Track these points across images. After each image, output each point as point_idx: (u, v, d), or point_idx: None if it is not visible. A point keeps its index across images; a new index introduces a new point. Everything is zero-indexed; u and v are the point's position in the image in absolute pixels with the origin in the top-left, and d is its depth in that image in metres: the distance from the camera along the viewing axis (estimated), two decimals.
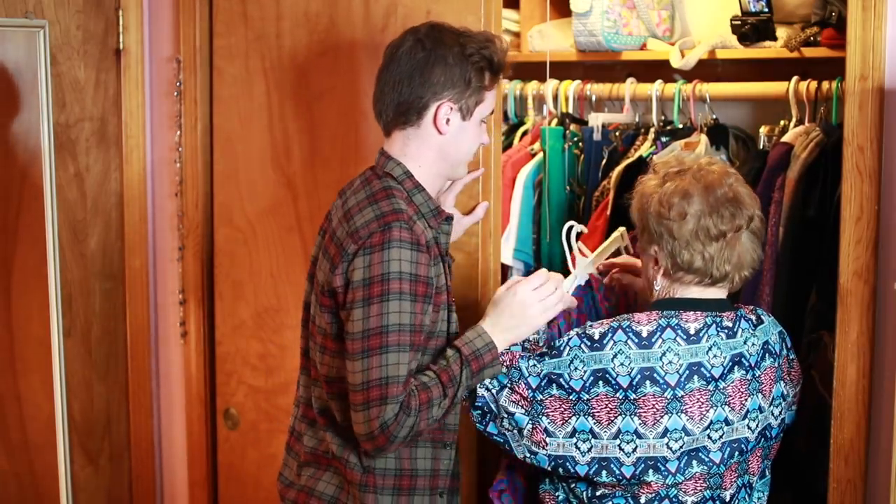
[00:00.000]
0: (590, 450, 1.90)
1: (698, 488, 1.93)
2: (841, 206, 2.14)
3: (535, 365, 1.94)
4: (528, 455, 1.94)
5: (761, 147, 2.58)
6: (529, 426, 1.92)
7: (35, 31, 2.70)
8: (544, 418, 1.91)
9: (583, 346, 1.91)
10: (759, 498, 2.07)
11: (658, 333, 1.91)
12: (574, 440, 1.90)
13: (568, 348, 1.92)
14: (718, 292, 2.00)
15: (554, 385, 1.91)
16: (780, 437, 2.08)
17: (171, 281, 3.11)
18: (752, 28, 2.54)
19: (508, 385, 1.95)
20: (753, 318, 2.03)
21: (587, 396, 1.89)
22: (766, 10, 2.51)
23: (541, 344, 2.06)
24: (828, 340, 2.30)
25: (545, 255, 2.87)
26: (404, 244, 1.91)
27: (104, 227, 3.09)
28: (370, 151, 2.38)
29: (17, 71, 2.81)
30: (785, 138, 2.47)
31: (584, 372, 1.89)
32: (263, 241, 2.80)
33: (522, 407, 1.93)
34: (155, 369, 3.20)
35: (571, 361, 1.91)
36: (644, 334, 1.91)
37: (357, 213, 1.97)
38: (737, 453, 1.95)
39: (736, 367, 1.94)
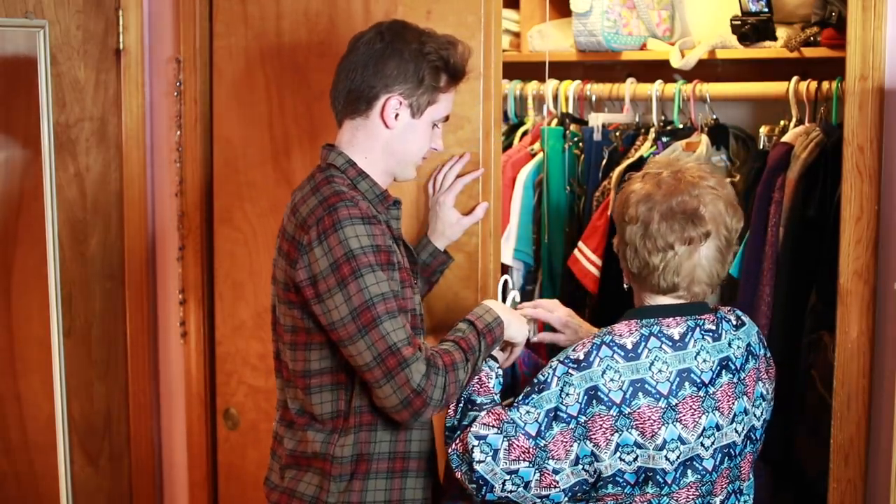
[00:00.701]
0: (595, 472, 1.86)
1: (690, 496, 1.89)
2: (841, 206, 2.15)
3: (528, 412, 1.87)
4: (538, 501, 1.89)
5: (761, 147, 2.58)
6: (537, 476, 1.86)
7: (35, 31, 2.70)
8: (550, 461, 1.85)
9: (570, 370, 1.86)
10: (745, 501, 2.03)
11: (643, 343, 1.87)
12: (580, 467, 1.86)
13: (556, 379, 1.87)
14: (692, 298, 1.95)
15: (554, 423, 1.85)
16: (763, 439, 2.05)
17: (171, 281, 3.11)
18: (752, 28, 2.54)
19: (505, 444, 1.86)
20: (733, 318, 1.99)
21: (584, 419, 1.85)
22: (766, 10, 2.51)
23: (493, 388, 2.03)
24: (828, 340, 2.30)
25: (545, 255, 2.87)
26: (355, 220, 1.93)
27: (104, 227, 3.09)
28: None
29: (16, 71, 2.81)
30: (785, 138, 2.48)
31: (578, 394, 1.85)
32: (263, 241, 2.80)
33: (525, 460, 1.86)
34: (155, 369, 3.20)
35: (562, 389, 1.86)
36: (629, 346, 1.87)
37: (302, 205, 2.00)
38: (726, 459, 1.92)
39: (724, 372, 1.91)
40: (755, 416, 1.98)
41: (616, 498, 1.88)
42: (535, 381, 1.90)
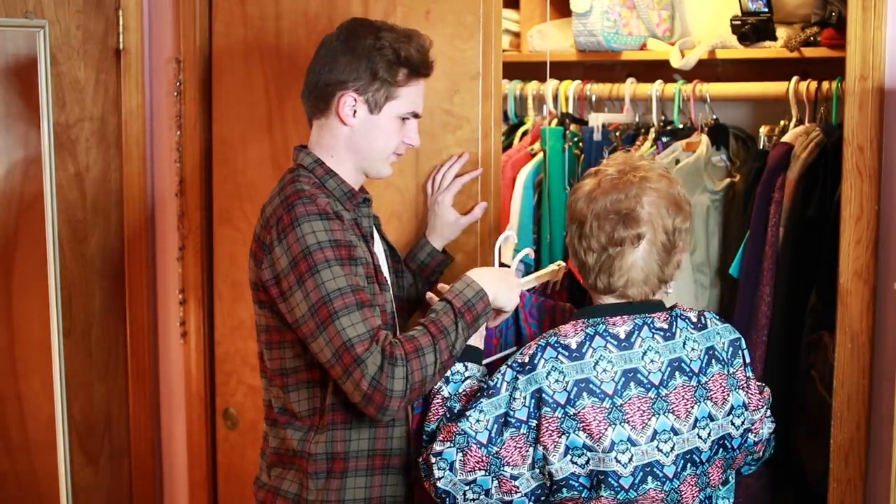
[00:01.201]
0: (550, 475, 1.84)
1: None
2: (841, 206, 2.14)
3: (477, 420, 1.84)
4: None
5: (761, 147, 2.58)
6: (495, 483, 1.84)
7: (35, 31, 2.70)
8: (506, 468, 1.83)
9: (517, 374, 1.84)
10: None
11: (587, 343, 1.84)
12: (536, 471, 1.84)
13: (505, 384, 1.85)
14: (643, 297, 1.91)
15: (504, 429, 1.83)
16: (744, 447, 1.98)
17: (171, 281, 3.11)
18: (752, 28, 2.53)
19: (459, 456, 1.84)
20: (693, 317, 1.93)
21: (535, 423, 1.83)
22: (766, 10, 2.51)
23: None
24: (828, 340, 2.30)
25: (545, 254, 2.86)
26: (312, 216, 1.93)
27: (104, 227, 3.09)
28: None
29: (16, 71, 2.81)
30: (785, 138, 2.47)
31: (525, 398, 1.82)
32: None
33: (481, 469, 1.84)
34: (155, 369, 3.20)
35: (511, 394, 1.84)
36: (573, 346, 1.84)
37: (268, 206, 2.03)
38: (689, 465, 1.87)
39: (677, 374, 1.86)
40: (732, 424, 1.92)
41: (574, 502, 1.86)
42: (486, 385, 1.88)
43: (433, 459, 1.86)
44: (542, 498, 1.87)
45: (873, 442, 2.16)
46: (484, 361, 2.09)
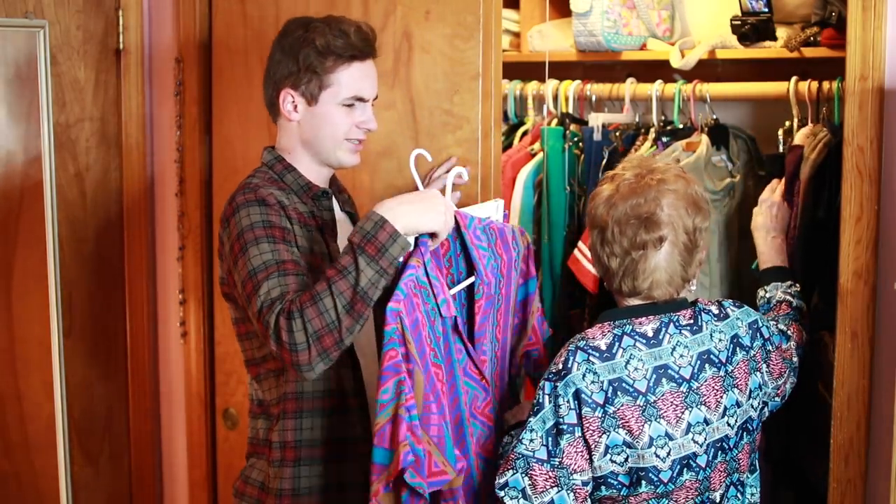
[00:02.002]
0: (594, 471, 1.86)
1: (689, 496, 1.89)
2: (841, 207, 2.14)
3: (531, 439, 1.85)
4: None
5: (780, 150, 2.57)
6: (571, 496, 1.83)
7: (35, 31, 2.70)
8: (574, 476, 1.83)
9: (555, 384, 1.86)
10: (752, 494, 2.03)
11: (616, 343, 1.87)
12: (590, 472, 1.86)
13: (546, 396, 1.86)
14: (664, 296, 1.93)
15: (559, 438, 1.84)
16: (760, 428, 2.02)
17: (171, 281, 3.11)
18: (752, 28, 2.54)
19: (527, 480, 1.83)
20: (715, 309, 1.97)
21: (583, 423, 1.84)
22: (766, 10, 2.51)
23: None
24: (828, 340, 2.30)
25: (545, 255, 2.86)
26: (250, 203, 1.98)
27: (104, 227, 3.09)
28: (367, 152, 2.39)
29: (17, 71, 2.81)
30: (795, 141, 2.46)
31: (569, 402, 1.84)
32: None
33: (553, 486, 1.83)
34: (155, 369, 3.20)
35: (555, 403, 1.85)
36: (603, 347, 1.87)
37: None
38: (719, 453, 1.91)
39: (707, 366, 1.90)
40: (752, 407, 1.97)
41: (612, 500, 1.88)
42: (532, 404, 1.89)
43: (501, 492, 1.85)
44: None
45: (873, 442, 2.16)
46: (451, 291, 2.00)
